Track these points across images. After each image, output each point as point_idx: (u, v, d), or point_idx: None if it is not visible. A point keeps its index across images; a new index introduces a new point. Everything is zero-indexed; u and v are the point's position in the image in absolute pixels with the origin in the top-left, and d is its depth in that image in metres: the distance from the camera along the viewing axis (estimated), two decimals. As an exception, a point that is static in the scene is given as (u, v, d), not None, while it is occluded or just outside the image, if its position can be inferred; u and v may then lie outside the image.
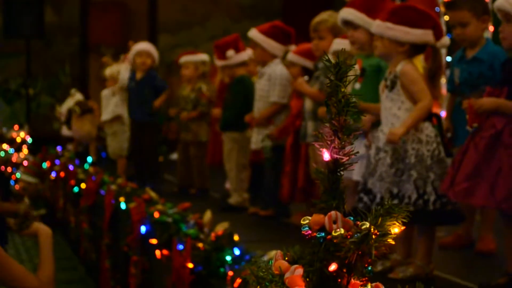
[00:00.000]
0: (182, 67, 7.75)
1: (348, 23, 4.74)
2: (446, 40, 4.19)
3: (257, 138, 6.25)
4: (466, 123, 3.97)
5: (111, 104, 8.51)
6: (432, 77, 4.21)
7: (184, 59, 7.75)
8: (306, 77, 5.85)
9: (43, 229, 3.41)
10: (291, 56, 6.04)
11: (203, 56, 7.76)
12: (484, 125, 3.84)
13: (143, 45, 7.93)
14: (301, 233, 1.88)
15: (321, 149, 1.87)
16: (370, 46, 4.49)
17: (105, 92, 8.74)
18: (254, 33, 6.25)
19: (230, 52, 6.73)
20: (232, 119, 6.66)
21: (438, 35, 4.15)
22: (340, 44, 5.13)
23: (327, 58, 1.87)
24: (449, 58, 8.26)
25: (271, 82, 6.16)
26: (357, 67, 4.61)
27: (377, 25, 4.19)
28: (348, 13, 4.72)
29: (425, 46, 4.20)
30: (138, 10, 13.85)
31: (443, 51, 8.13)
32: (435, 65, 4.21)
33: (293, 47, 6.20)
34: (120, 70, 8.29)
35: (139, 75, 7.77)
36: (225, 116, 6.78)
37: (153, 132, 7.88)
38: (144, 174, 7.62)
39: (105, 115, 8.64)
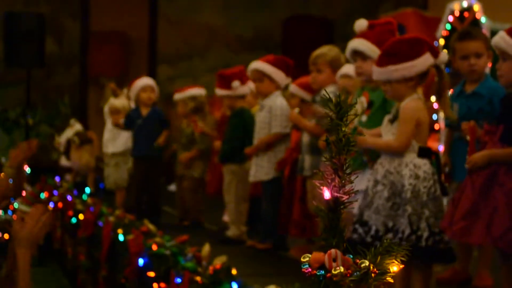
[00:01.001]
0: (177, 105, 7.89)
1: (357, 53, 4.70)
2: (444, 55, 4.14)
3: (255, 170, 6.25)
4: (464, 158, 3.99)
5: (123, 137, 8.50)
6: (439, 92, 4.19)
7: (175, 97, 7.88)
8: (297, 109, 5.87)
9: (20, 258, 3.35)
10: (292, 88, 6.07)
11: (192, 91, 7.77)
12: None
13: (147, 80, 7.98)
14: (299, 268, 1.89)
15: (321, 187, 1.89)
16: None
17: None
18: (261, 65, 6.16)
19: (236, 83, 6.71)
20: (231, 151, 6.66)
21: (435, 54, 4.09)
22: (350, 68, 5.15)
23: (325, 92, 1.90)
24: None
25: (272, 113, 6.14)
26: (364, 99, 4.62)
27: (380, 72, 4.12)
28: (360, 43, 4.68)
29: (428, 71, 4.13)
30: (138, 41, 13.92)
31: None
32: (442, 81, 4.14)
33: (289, 80, 6.22)
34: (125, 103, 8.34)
35: (145, 111, 7.80)
36: (224, 149, 6.78)
37: (160, 167, 7.91)
38: (147, 208, 7.59)
39: (115, 148, 8.61)
